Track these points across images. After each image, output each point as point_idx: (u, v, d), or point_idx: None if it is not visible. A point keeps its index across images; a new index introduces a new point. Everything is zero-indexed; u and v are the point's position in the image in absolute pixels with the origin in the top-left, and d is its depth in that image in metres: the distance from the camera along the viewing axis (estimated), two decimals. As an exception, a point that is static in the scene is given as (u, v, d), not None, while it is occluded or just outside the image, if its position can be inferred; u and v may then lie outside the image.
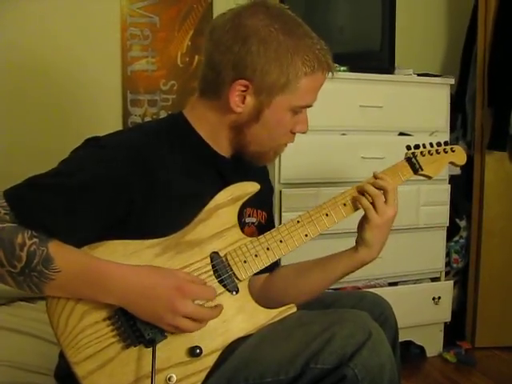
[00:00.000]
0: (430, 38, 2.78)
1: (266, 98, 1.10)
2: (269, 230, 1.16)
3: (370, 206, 1.16)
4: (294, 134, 1.18)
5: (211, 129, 1.16)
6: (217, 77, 1.10)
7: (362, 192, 1.19)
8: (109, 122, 2.28)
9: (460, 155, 1.31)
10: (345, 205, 1.18)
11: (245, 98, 1.10)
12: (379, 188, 1.17)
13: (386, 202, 1.16)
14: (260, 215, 1.26)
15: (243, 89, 1.09)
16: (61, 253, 0.96)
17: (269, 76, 1.08)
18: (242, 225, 1.15)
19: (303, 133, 1.19)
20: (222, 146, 1.18)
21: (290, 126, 1.16)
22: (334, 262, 1.23)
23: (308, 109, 1.18)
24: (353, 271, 1.22)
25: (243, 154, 1.18)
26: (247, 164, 1.21)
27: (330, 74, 1.14)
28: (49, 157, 1.15)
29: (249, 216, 1.23)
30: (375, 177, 1.20)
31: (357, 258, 1.20)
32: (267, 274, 1.27)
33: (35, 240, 0.94)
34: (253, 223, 1.23)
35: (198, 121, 1.16)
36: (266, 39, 1.07)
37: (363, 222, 1.18)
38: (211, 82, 1.12)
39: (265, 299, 1.14)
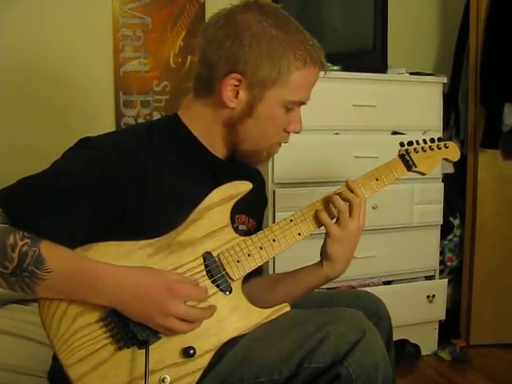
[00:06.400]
0: (422, 37, 2.78)
1: (259, 92, 1.10)
2: None
3: (329, 222, 1.14)
4: (288, 133, 1.18)
5: (205, 128, 1.16)
6: (210, 73, 1.11)
7: (328, 202, 1.16)
8: (102, 124, 2.27)
9: (454, 151, 1.30)
10: None
11: (238, 92, 1.10)
12: (345, 200, 1.15)
13: (350, 215, 1.14)
14: (251, 224, 1.26)
15: (236, 83, 1.09)
16: (52, 253, 0.95)
17: (261, 69, 1.08)
18: (234, 230, 1.13)
19: (297, 133, 1.18)
20: (217, 146, 1.17)
21: (283, 124, 1.15)
22: (300, 276, 1.22)
23: (301, 108, 1.17)
24: (318, 286, 1.21)
25: (237, 153, 1.18)
26: (242, 166, 1.20)
27: (323, 72, 1.14)
28: (42, 157, 1.15)
29: (242, 223, 1.23)
30: (347, 185, 1.17)
31: (321, 272, 1.18)
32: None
33: (27, 240, 0.94)
34: (244, 231, 1.22)
35: (192, 120, 1.16)
36: (259, 33, 1.07)
37: (325, 234, 1.16)
38: (205, 79, 1.13)
39: None
